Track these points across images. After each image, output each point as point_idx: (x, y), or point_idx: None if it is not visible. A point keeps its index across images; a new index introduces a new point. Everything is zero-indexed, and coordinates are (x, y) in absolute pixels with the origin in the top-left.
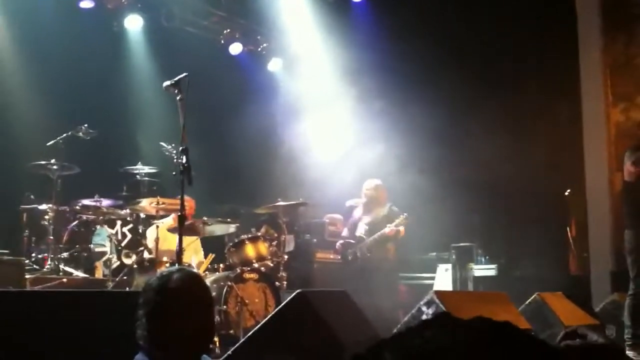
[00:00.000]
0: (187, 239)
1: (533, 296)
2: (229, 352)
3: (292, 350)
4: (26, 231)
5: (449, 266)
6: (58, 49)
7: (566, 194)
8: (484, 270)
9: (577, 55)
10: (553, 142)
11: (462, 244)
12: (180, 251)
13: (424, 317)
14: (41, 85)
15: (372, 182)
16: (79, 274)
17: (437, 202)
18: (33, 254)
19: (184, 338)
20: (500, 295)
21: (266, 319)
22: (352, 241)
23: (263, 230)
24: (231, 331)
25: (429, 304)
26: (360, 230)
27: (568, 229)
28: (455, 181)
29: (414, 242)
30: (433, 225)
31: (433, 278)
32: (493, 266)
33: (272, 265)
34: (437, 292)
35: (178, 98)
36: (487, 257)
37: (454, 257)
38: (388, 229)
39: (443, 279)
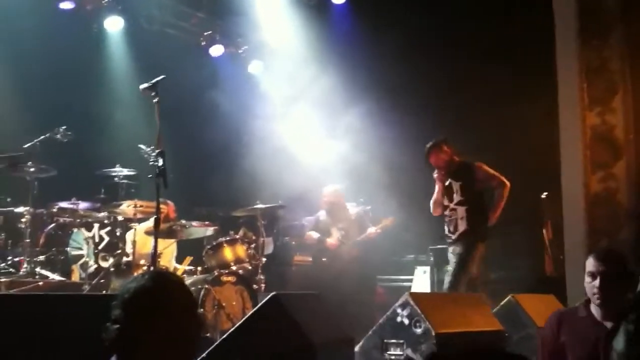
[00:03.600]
0: (165, 242)
1: (507, 298)
2: (203, 355)
3: (265, 352)
4: (2, 234)
5: (427, 268)
6: (37, 50)
7: (542, 196)
8: None
9: (552, 57)
10: (529, 144)
11: (439, 246)
12: (155, 254)
13: (399, 318)
14: (19, 87)
15: (331, 187)
16: (55, 277)
17: (414, 203)
18: (9, 258)
19: (163, 341)
20: (475, 296)
21: (240, 321)
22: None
23: (241, 232)
24: (208, 334)
25: (403, 305)
26: (336, 236)
27: (544, 231)
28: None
29: (391, 244)
30: (410, 227)
31: (411, 280)
32: None
33: (250, 268)
34: (412, 294)
35: (154, 101)
36: None
37: (431, 259)
38: (373, 230)
39: (421, 281)
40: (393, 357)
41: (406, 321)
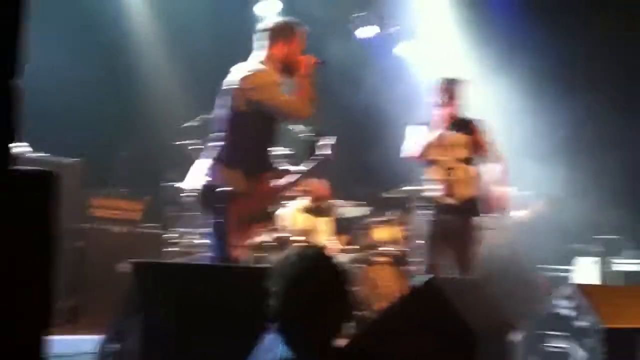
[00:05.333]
0: (319, 220)
1: None
2: (356, 333)
3: (419, 335)
4: (172, 207)
5: (593, 259)
6: (201, 29)
7: None
8: (634, 265)
9: None
10: None
11: (607, 236)
12: (307, 231)
13: (563, 310)
14: (192, 73)
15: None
16: None
17: (583, 188)
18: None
19: (319, 316)
20: None
21: (392, 302)
22: None
23: (397, 214)
24: (363, 312)
25: (567, 296)
26: None
27: None
28: (606, 167)
29: (556, 231)
30: (575, 214)
31: (573, 270)
32: None
33: (406, 249)
34: (577, 285)
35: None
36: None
37: (598, 249)
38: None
39: (586, 272)
40: (554, 350)
41: (570, 313)
